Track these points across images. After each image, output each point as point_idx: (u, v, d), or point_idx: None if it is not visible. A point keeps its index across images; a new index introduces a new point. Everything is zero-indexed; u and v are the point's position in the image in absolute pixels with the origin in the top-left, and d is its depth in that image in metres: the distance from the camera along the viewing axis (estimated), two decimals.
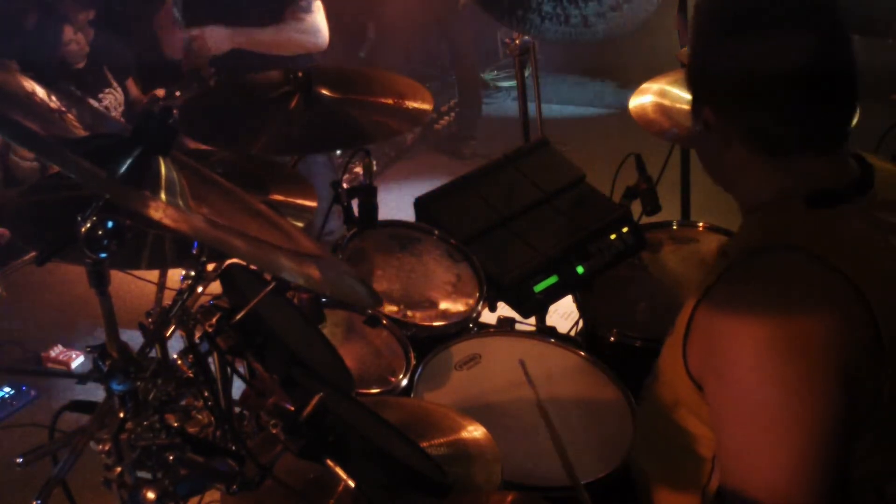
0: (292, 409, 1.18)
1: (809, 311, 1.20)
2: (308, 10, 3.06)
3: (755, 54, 1.25)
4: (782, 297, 1.21)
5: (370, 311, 2.04)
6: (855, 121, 1.32)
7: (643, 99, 2.42)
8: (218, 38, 3.13)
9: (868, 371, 1.21)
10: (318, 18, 3.09)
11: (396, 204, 2.70)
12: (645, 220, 2.45)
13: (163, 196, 1.10)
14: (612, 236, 2.34)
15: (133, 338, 1.20)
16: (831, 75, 1.27)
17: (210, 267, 1.31)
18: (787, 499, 1.20)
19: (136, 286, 1.77)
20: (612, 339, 2.08)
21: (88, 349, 1.13)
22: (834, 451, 1.20)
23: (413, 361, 1.95)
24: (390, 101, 2.24)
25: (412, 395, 1.83)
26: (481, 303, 2.13)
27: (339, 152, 4.14)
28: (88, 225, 1.02)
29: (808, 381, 1.19)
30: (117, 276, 1.19)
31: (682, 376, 1.35)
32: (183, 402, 1.25)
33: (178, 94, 4.65)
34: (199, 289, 1.28)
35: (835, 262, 1.21)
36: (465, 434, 1.59)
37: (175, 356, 1.23)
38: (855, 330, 1.20)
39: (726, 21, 1.29)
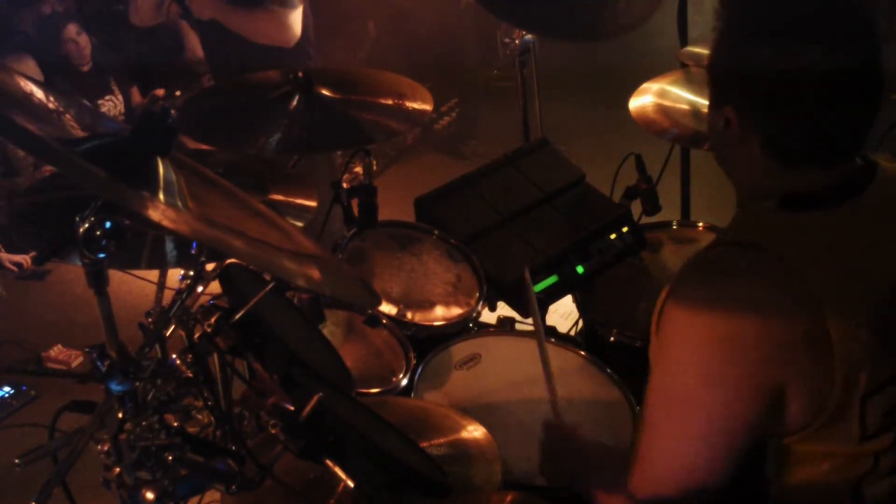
0: (292, 409, 1.18)
1: (751, 312, 1.22)
2: (284, 4, 3.08)
3: (786, 65, 1.24)
4: (729, 294, 1.24)
5: (370, 311, 2.04)
6: None
7: (643, 99, 2.42)
8: (201, 3, 3.16)
9: (815, 373, 1.22)
10: (293, 15, 3.11)
11: (396, 204, 2.70)
12: (645, 220, 2.45)
13: (161, 196, 1.10)
14: (612, 236, 2.34)
15: (133, 338, 1.20)
16: (858, 94, 1.26)
17: (209, 267, 1.31)
18: (675, 478, 1.27)
19: (136, 286, 1.77)
20: (612, 339, 2.08)
21: (88, 349, 1.13)
22: (728, 452, 1.25)
23: (413, 361, 1.95)
24: (390, 102, 2.23)
25: (412, 395, 1.83)
26: (481, 303, 2.13)
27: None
28: (87, 225, 1.02)
29: (730, 382, 1.23)
30: (117, 276, 1.19)
31: None
32: (183, 402, 1.25)
33: (178, 93, 4.67)
34: (199, 289, 1.27)
35: (795, 264, 1.22)
36: (465, 434, 1.59)
37: (175, 356, 1.23)
38: (800, 333, 1.21)
39: (761, 27, 1.28)
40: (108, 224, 1.03)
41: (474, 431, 1.59)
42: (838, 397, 1.23)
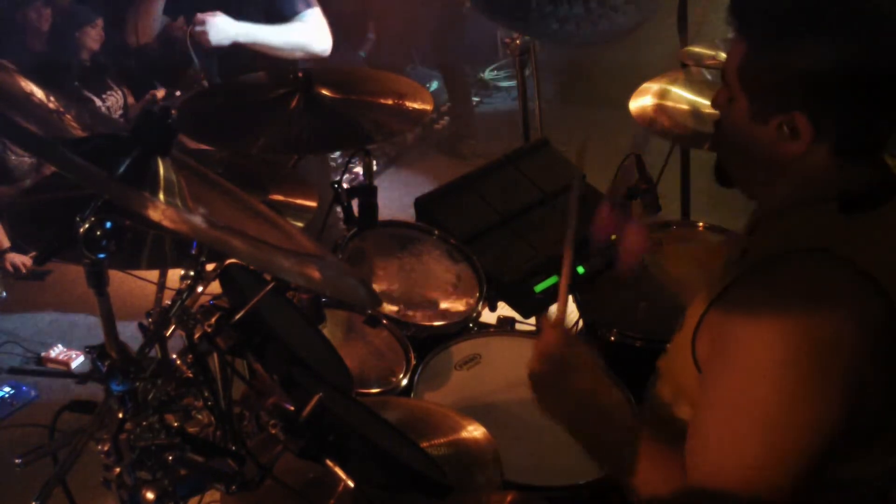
0: (292, 409, 1.18)
1: (830, 320, 1.18)
2: (310, 4, 3.02)
3: (862, 50, 1.18)
4: (805, 302, 1.19)
5: (370, 311, 2.04)
6: None
7: (643, 99, 2.42)
8: (222, 28, 2.94)
9: (886, 377, 1.20)
10: (321, 22, 3.06)
11: (396, 204, 2.70)
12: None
13: (161, 196, 1.10)
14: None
15: (133, 338, 1.20)
16: None
17: (210, 267, 1.31)
18: (757, 495, 1.20)
19: (136, 286, 1.77)
20: (612, 339, 2.08)
21: (88, 349, 1.13)
22: (817, 460, 1.20)
23: (413, 361, 1.95)
24: (390, 102, 2.23)
25: (412, 395, 1.83)
26: (481, 303, 2.13)
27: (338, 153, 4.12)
28: (87, 225, 1.02)
29: (814, 392, 1.18)
30: (117, 276, 1.19)
31: (688, 366, 1.33)
32: (183, 402, 1.25)
33: (178, 93, 4.66)
34: (199, 289, 1.27)
35: (863, 266, 1.19)
36: (465, 434, 1.59)
37: (175, 356, 1.23)
38: (877, 337, 1.19)
39: (820, 18, 1.20)
40: (108, 224, 1.03)
41: (474, 431, 1.59)
42: None
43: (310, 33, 2.99)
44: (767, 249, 1.28)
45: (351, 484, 1.18)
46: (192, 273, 1.27)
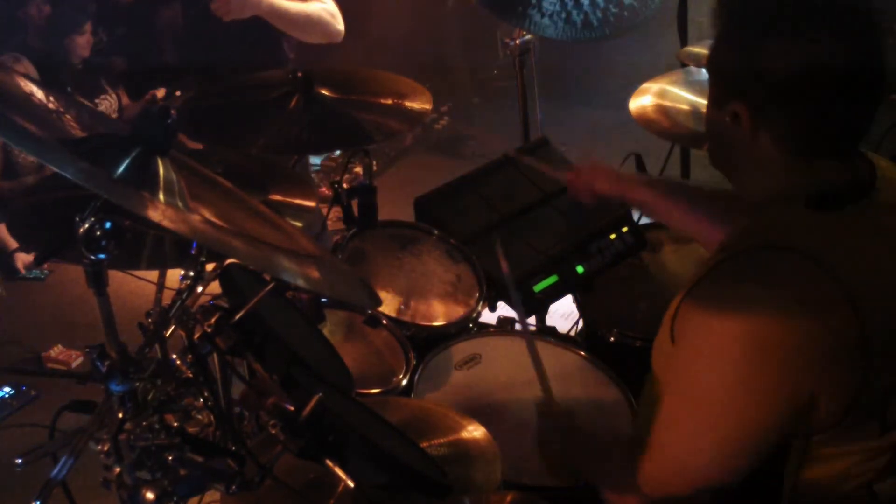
0: (292, 409, 1.18)
1: (788, 317, 1.20)
2: None
3: (803, 56, 1.23)
4: (765, 298, 1.21)
5: (370, 311, 2.04)
6: None
7: (643, 99, 2.42)
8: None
9: (848, 373, 1.22)
10: (334, 4, 3.06)
11: (396, 204, 2.70)
12: (645, 220, 2.45)
13: (161, 196, 1.10)
14: (612, 236, 2.34)
15: (133, 338, 1.20)
16: (867, 79, 1.26)
17: (209, 267, 1.31)
18: (690, 476, 1.28)
19: (136, 286, 1.77)
20: (612, 339, 2.08)
21: (88, 349, 1.13)
22: (752, 453, 1.25)
23: (413, 361, 1.95)
24: (390, 102, 2.23)
25: (412, 395, 1.83)
26: (481, 303, 2.13)
27: (336, 153, 4.11)
28: (87, 225, 1.02)
29: (761, 387, 1.22)
30: (117, 276, 1.19)
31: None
32: (183, 402, 1.25)
33: (177, 93, 4.66)
34: (199, 289, 1.27)
35: (828, 264, 1.21)
36: (465, 434, 1.58)
37: (175, 356, 1.23)
38: (836, 335, 1.20)
39: (773, 19, 1.27)
40: (108, 224, 1.03)
41: (474, 431, 1.59)
42: (871, 395, 1.23)
43: (329, 11, 2.99)
44: (739, 244, 1.31)
45: (351, 484, 1.18)
46: (191, 273, 1.27)
